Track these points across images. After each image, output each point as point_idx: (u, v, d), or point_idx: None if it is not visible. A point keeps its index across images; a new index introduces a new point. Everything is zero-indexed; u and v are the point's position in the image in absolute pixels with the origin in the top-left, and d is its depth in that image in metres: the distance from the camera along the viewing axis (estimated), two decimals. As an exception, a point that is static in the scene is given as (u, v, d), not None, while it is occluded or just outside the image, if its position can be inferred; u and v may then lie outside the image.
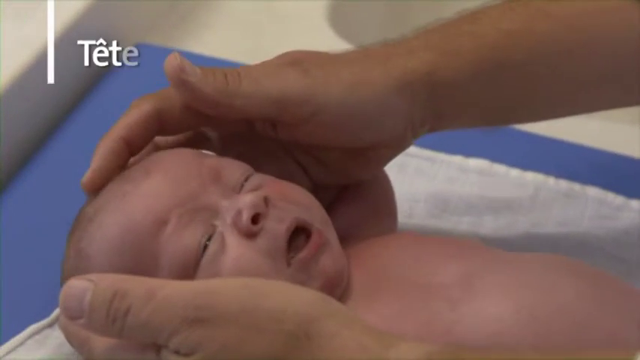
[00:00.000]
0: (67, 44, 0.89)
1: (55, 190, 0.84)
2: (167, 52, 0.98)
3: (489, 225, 0.80)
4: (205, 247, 0.63)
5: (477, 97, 0.70)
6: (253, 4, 1.08)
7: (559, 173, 0.84)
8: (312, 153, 0.71)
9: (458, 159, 0.85)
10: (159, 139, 0.71)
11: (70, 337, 0.63)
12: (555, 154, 0.86)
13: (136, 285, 0.58)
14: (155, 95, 0.69)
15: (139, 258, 0.63)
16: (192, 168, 0.66)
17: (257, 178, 0.67)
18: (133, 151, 0.68)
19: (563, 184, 0.83)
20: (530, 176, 0.84)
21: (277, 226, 0.64)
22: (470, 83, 0.70)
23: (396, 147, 0.71)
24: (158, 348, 0.58)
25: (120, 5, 0.99)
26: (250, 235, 0.63)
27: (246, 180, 0.66)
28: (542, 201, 0.82)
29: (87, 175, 0.67)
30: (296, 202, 0.66)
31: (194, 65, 0.67)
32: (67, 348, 0.69)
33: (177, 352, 0.57)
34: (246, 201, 0.64)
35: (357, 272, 0.66)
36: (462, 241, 0.68)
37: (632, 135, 0.89)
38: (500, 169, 0.84)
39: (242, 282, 0.59)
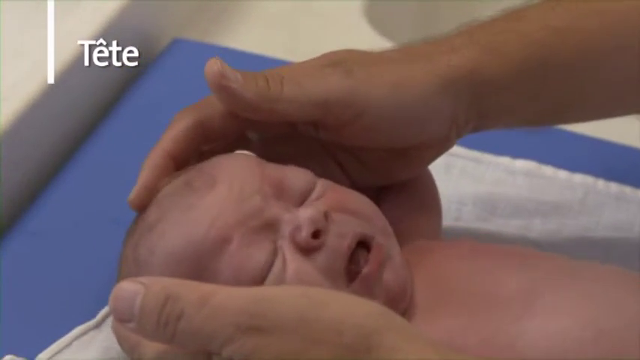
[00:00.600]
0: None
1: (96, 188, 0.83)
2: (203, 47, 0.99)
3: (538, 229, 0.78)
4: (270, 267, 0.62)
5: (522, 97, 0.69)
6: (289, -1, 1.07)
7: (609, 176, 0.82)
8: (354, 153, 0.70)
9: (505, 160, 0.84)
10: None
11: (121, 340, 0.62)
12: (605, 155, 0.85)
13: (189, 290, 0.56)
14: (195, 106, 0.69)
15: (199, 273, 0.62)
16: (255, 180, 0.64)
17: (320, 186, 0.65)
18: (178, 164, 0.68)
19: (614, 187, 0.82)
20: (579, 178, 0.82)
21: (338, 243, 0.63)
22: (515, 82, 0.68)
23: (440, 147, 0.70)
24: (209, 355, 0.56)
25: (157, 1, 0.99)
26: (309, 251, 0.62)
27: (311, 191, 0.65)
28: (591, 204, 0.80)
29: (134, 192, 0.67)
30: (357, 212, 0.65)
31: (235, 70, 0.65)
32: (114, 352, 0.69)
33: None
34: (306, 216, 0.62)
35: (418, 282, 0.65)
36: (523, 251, 0.67)
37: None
38: (548, 170, 0.83)
39: (301, 290, 0.57)
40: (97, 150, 0.86)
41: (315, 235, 0.62)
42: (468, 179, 0.81)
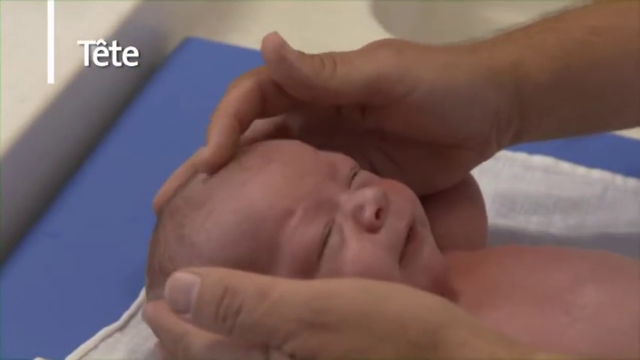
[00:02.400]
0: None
1: (114, 188, 0.83)
2: (215, 46, 0.99)
3: (559, 225, 0.78)
4: (326, 240, 0.61)
5: (563, 96, 0.69)
6: (298, -4, 1.07)
7: (627, 171, 0.82)
8: (391, 155, 0.70)
9: (522, 156, 0.84)
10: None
11: (160, 333, 0.60)
12: (622, 151, 0.84)
13: (248, 282, 0.55)
14: (252, 72, 0.67)
15: (257, 248, 0.61)
16: (310, 161, 0.64)
17: (364, 174, 0.65)
18: (243, 128, 0.66)
19: (632, 182, 0.82)
20: (597, 174, 0.82)
21: (397, 222, 0.63)
22: (555, 80, 0.68)
23: (479, 150, 0.69)
24: (266, 348, 0.55)
25: (169, 0, 0.99)
26: (372, 230, 0.62)
27: (353, 176, 0.65)
28: (610, 200, 0.80)
29: (208, 153, 0.64)
30: (406, 198, 0.65)
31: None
32: (140, 353, 0.69)
33: (292, 356, 0.54)
34: (368, 195, 0.62)
35: (462, 285, 0.64)
36: (565, 249, 0.67)
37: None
38: (565, 167, 0.83)
39: (361, 285, 0.56)
40: (113, 150, 0.86)
41: (377, 214, 0.62)
42: (486, 176, 0.81)
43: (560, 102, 0.69)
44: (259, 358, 0.55)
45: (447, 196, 0.71)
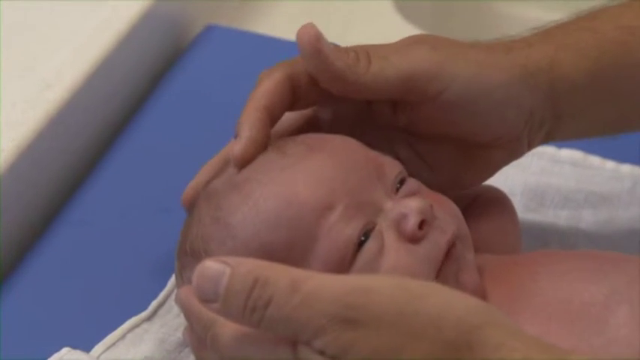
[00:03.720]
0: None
1: (138, 176, 0.82)
2: (237, 33, 0.98)
3: (590, 220, 0.77)
4: (361, 243, 0.60)
5: (597, 97, 0.68)
6: (320, -15, 1.06)
7: (656, 167, 0.81)
8: (420, 152, 0.69)
9: (550, 149, 0.83)
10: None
11: (191, 318, 0.59)
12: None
13: (279, 274, 0.53)
14: (283, 63, 0.66)
15: (294, 238, 0.60)
16: (358, 157, 0.63)
17: (412, 182, 0.64)
18: (273, 121, 0.65)
19: (662, 177, 0.80)
20: (627, 169, 0.81)
21: (439, 237, 0.61)
22: (590, 81, 0.67)
23: (510, 150, 0.68)
24: (294, 343, 0.53)
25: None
26: (414, 240, 0.61)
27: (401, 181, 0.64)
28: (640, 195, 0.80)
29: (239, 147, 0.63)
30: (451, 213, 0.64)
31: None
32: (168, 344, 0.68)
33: (322, 353, 0.52)
34: (414, 206, 0.61)
35: (492, 292, 0.63)
36: (596, 254, 0.65)
37: None
38: (594, 160, 0.82)
39: (398, 282, 0.54)
40: (138, 137, 0.85)
41: (421, 225, 0.61)
42: (515, 169, 0.80)
43: (595, 102, 0.68)
44: (287, 353, 0.54)
45: (478, 212, 0.70)
